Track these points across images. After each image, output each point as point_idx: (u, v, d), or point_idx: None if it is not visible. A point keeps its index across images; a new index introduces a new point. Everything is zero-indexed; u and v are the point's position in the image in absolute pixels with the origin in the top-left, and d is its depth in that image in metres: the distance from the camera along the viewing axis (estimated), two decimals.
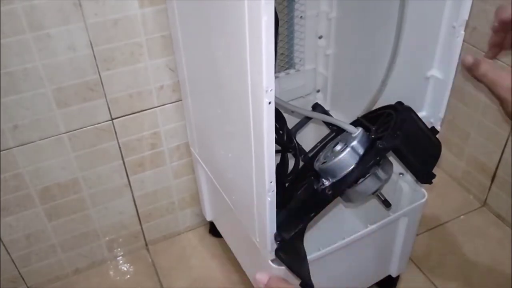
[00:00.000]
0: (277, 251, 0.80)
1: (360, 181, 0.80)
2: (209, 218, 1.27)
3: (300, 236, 0.81)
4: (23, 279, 1.18)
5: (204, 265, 1.25)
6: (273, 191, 0.73)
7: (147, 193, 1.21)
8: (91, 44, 0.94)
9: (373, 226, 0.91)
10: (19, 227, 1.09)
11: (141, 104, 1.06)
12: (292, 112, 1.06)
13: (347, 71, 1.08)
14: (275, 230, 0.79)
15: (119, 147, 1.10)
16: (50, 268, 1.20)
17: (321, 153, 0.88)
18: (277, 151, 0.87)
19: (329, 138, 0.96)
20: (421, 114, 0.84)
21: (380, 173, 0.81)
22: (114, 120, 1.05)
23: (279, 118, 0.94)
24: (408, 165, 0.80)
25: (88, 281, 1.23)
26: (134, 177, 1.17)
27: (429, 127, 0.84)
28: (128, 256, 1.29)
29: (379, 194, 0.89)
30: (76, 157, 1.06)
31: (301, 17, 1.06)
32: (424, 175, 0.82)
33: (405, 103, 0.85)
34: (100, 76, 0.98)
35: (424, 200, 0.95)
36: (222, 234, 1.25)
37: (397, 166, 0.91)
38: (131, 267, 1.27)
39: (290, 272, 0.80)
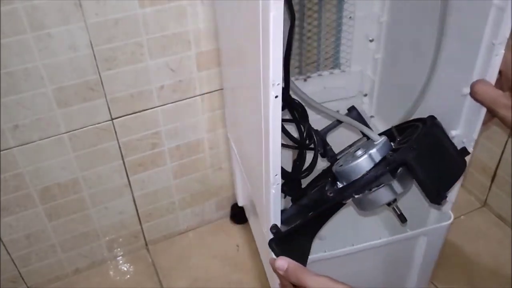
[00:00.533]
0: (270, 242, 0.79)
1: (373, 190, 0.79)
2: (241, 204, 1.31)
3: (303, 233, 0.82)
4: (23, 279, 1.18)
5: (204, 265, 1.25)
6: (277, 184, 0.74)
7: (147, 193, 1.21)
8: (91, 44, 0.94)
9: (383, 240, 0.90)
10: (19, 227, 1.09)
11: (141, 104, 1.06)
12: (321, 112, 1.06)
13: (394, 77, 1.06)
14: (279, 222, 0.80)
15: (119, 147, 1.10)
16: (50, 268, 1.20)
17: (342, 157, 0.88)
18: (295, 147, 0.92)
19: (360, 142, 0.95)
20: (454, 133, 0.81)
21: (396, 186, 0.79)
22: (114, 120, 1.05)
23: (302, 115, 0.95)
24: (418, 182, 0.77)
25: (88, 281, 1.23)
26: (134, 177, 1.16)
27: (460, 147, 0.81)
28: (128, 256, 1.29)
29: (395, 208, 0.86)
30: (76, 157, 1.06)
31: (350, 17, 1.05)
32: (433, 195, 0.77)
33: (441, 119, 0.82)
34: (101, 76, 0.98)
35: (448, 223, 0.91)
36: (249, 222, 1.29)
37: None
38: (131, 267, 1.27)
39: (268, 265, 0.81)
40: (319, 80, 1.13)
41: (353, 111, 0.94)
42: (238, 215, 1.36)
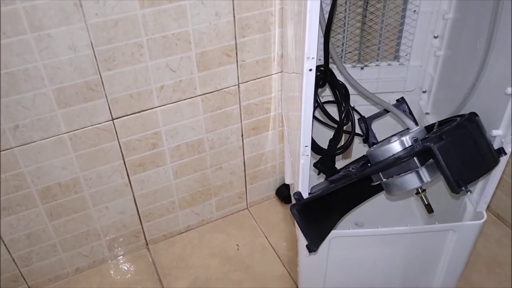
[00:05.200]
0: (292, 207, 0.84)
1: (401, 175, 0.83)
2: (287, 182, 1.35)
3: (328, 208, 0.87)
4: (23, 278, 1.18)
5: (204, 265, 1.26)
6: (307, 155, 0.79)
7: (147, 193, 1.22)
8: (91, 44, 0.94)
9: (407, 228, 0.92)
10: (20, 227, 1.10)
11: (141, 104, 1.07)
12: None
13: (452, 75, 1.06)
14: (305, 191, 0.85)
15: (120, 147, 1.10)
16: (50, 267, 1.21)
17: (380, 142, 0.93)
18: (333, 127, 1.00)
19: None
20: (496, 133, 0.83)
21: (424, 173, 0.83)
22: (114, 120, 1.06)
23: (344, 96, 1.00)
24: (439, 169, 0.80)
25: (88, 280, 1.24)
26: (135, 177, 1.17)
27: (498, 147, 0.83)
28: (129, 255, 1.30)
29: (423, 197, 0.90)
30: (77, 157, 1.06)
31: (414, 11, 1.05)
32: (452, 185, 0.80)
33: (485, 117, 0.84)
34: (101, 76, 0.99)
35: (479, 222, 0.91)
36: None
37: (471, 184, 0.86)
38: (132, 266, 1.27)
39: (299, 231, 0.84)
40: (376, 70, 1.14)
41: (402, 102, 0.98)
42: (284, 193, 1.41)
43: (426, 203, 0.90)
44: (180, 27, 1.00)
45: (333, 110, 1.01)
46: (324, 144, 1.02)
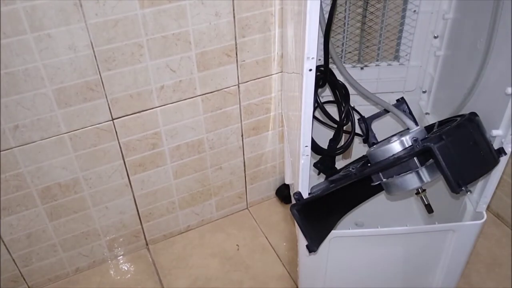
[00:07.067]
0: (292, 207, 0.84)
1: (401, 175, 0.83)
2: (287, 182, 1.35)
3: (328, 208, 0.87)
4: (23, 278, 1.18)
5: (204, 265, 1.26)
6: (307, 155, 0.79)
7: (147, 193, 1.22)
8: (91, 45, 0.94)
9: (407, 227, 0.92)
10: (20, 227, 1.10)
11: (141, 104, 1.07)
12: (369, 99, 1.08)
13: (451, 75, 1.06)
14: (305, 191, 0.85)
15: (120, 147, 1.10)
16: (50, 268, 1.21)
17: (380, 142, 0.93)
18: (333, 127, 1.00)
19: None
20: (496, 133, 0.83)
21: (424, 173, 0.83)
22: (114, 120, 1.06)
23: (344, 96, 1.00)
24: (439, 169, 0.80)
25: (88, 280, 1.24)
26: (135, 177, 1.17)
27: (498, 147, 0.83)
28: (129, 255, 1.30)
29: (423, 197, 0.90)
30: (77, 157, 1.06)
31: (414, 11, 1.05)
32: (452, 185, 0.79)
33: (485, 117, 0.84)
34: (101, 76, 0.99)
35: (479, 222, 0.91)
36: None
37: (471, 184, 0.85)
38: (132, 266, 1.27)
39: (299, 231, 0.85)
40: (376, 70, 1.14)
41: (402, 102, 0.98)
42: (284, 193, 1.41)
43: (426, 203, 0.90)
44: (180, 27, 1.00)
45: (333, 110, 1.01)
46: (324, 144, 1.02)
